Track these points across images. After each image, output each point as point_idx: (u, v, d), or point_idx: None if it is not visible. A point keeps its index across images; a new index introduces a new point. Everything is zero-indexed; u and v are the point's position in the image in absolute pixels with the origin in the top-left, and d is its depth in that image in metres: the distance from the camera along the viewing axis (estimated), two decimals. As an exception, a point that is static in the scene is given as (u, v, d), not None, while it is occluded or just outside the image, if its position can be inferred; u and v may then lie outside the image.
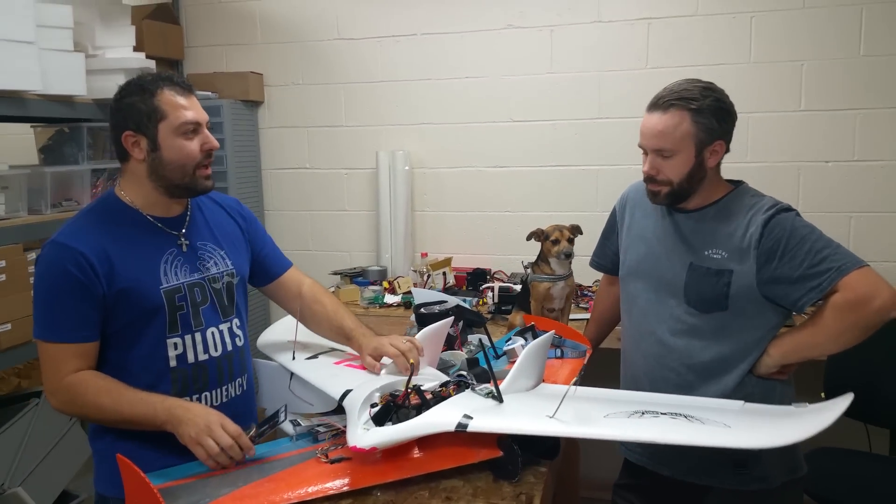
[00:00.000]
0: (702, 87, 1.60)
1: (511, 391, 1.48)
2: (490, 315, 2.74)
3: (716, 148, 1.61)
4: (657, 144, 1.61)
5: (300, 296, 1.79)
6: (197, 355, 1.54)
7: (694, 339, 1.64)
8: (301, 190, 3.53)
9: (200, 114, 1.54)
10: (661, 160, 1.62)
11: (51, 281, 1.44)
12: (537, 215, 3.08)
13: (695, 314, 1.63)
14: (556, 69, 3.13)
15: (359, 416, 1.39)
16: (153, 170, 1.51)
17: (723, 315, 1.60)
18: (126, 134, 1.50)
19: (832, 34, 2.82)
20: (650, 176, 1.66)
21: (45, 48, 2.33)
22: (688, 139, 1.58)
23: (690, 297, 1.63)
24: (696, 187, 1.64)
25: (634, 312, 1.79)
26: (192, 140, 1.52)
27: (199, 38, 3.54)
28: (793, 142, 2.92)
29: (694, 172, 1.61)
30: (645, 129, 1.63)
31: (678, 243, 1.68)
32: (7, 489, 2.53)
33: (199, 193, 1.60)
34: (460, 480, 1.36)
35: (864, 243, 2.88)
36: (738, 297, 1.58)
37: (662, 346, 1.69)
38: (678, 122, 1.57)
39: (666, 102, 1.59)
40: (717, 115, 1.58)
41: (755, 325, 1.61)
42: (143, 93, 1.49)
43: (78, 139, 2.68)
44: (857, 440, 2.53)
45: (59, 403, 1.47)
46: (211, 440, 1.37)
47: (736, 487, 1.62)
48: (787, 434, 1.30)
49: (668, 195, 1.65)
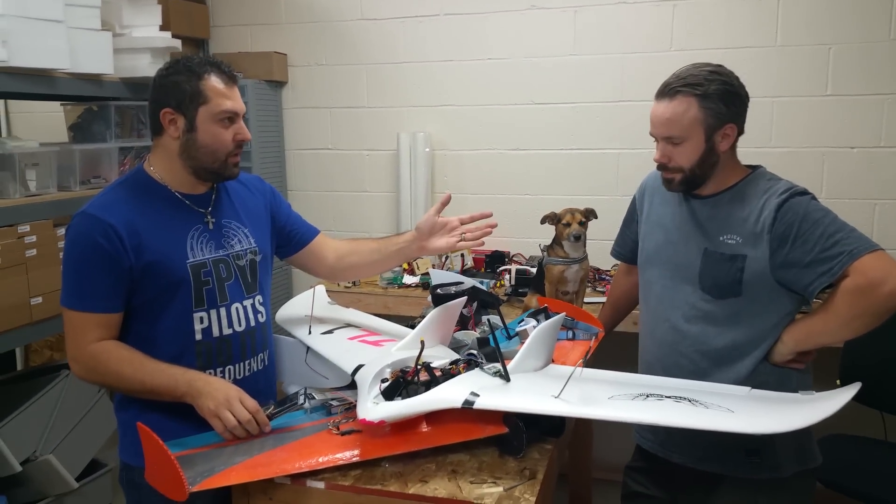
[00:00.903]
0: (708, 71, 1.59)
1: (519, 371, 1.50)
2: (507, 297, 2.76)
3: (727, 132, 1.60)
4: (666, 132, 1.61)
5: (339, 256, 1.89)
6: (222, 329, 1.58)
7: (708, 325, 1.64)
8: (323, 170, 3.57)
9: (239, 105, 1.58)
10: (672, 147, 1.62)
11: (80, 251, 1.49)
12: (557, 198, 3.09)
13: (709, 300, 1.63)
14: (578, 51, 3.12)
15: (369, 391, 1.43)
16: (185, 149, 1.55)
17: (737, 301, 1.60)
18: (165, 111, 1.54)
19: (860, 17, 2.76)
20: (662, 164, 1.66)
21: (74, 27, 2.38)
22: (696, 125, 1.58)
23: (705, 283, 1.63)
24: (709, 173, 1.63)
25: (651, 299, 1.79)
26: (227, 128, 1.56)
27: (225, 18, 3.57)
28: (818, 127, 2.87)
29: (705, 158, 1.61)
30: (654, 117, 1.63)
31: (694, 229, 1.67)
32: (39, 456, 2.63)
33: (225, 179, 1.64)
34: (466, 455, 1.40)
35: (888, 231, 2.84)
36: (752, 282, 1.58)
37: (677, 332, 1.69)
38: (685, 108, 1.57)
39: (672, 89, 1.59)
40: (725, 99, 1.57)
41: (769, 311, 1.60)
42: (189, 74, 1.52)
43: (106, 117, 2.74)
44: (872, 428, 2.52)
45: (80, 370, 1.52)
46: (229, 413, 1.42)
47: (748, 475, 1.63)
48: (789, 420, 1.31)
49: (681, 182, 1.65)
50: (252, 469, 1.31)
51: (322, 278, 2.04)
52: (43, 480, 2.67)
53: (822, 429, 2.42)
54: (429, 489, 1.29)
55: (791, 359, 1.60)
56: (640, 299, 1.87)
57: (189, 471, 1.27)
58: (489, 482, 1.30)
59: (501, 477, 1.32)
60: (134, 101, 2.79)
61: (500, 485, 1.29)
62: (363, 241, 1.95)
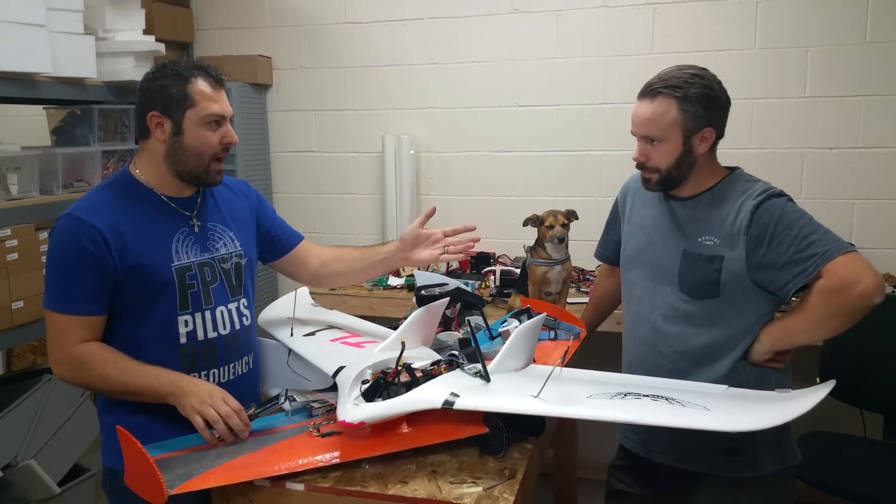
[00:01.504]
0: (690, 74, 1.61)
1: (499, 371, 1.51)
2: (491, 298, 2.77)
3: (705, 135, 1.61)
4: (645, 131, 1.63)
5: (323, 263, 1.89)
6: (206, 333, 1.58)
7: (687, 325, 1.66)
8: (309, 173, 3.57)
9: (226, 108, 1.58)
10: (650, 147, 1.64)
11: (63, 253, 1.48)
12: (541, 200, 3.11)
13: (688, 301, 1.65)
14: (561, 54, 3.14)
15: (350, 392, 1.43)
16: (171, 152, 1.55)
17: (715, 302, 1.62)
18: (152, 114, 1.54)
19: (838, 20, 2.81)
20: (640, 162, 1.69)
21: (56, 31, 2.37)
22: (674, 127, 1.60)
23: (684, 284, 1.65)
24: (685, 174, 1.65)
25: (632, 300, 1.81)
26: (214, 132, 1.56)
27: (209, 21, 3.57)
28: (797, 128, 2.91)
29: (682, 160, 1.63)
30: (634, 116, 1.65)
31: (673, 231, 1.69)
32: (20, 461, 2.62)
33: (208, 185, 1.64)
34: (447, 455, 1.41)
35: (867, 231, 2.88)
36: (730, 283, 1.60)
37: (657, 332, 1.71)
38: (665, 109, 1.59)
39: (654, 90, 1.61)
40: (704, 103, 1.59)
41: (746, 312, 1.62)
42: (177, 78, 1.53)
43: (89, 121, 2.73)
44: (851, 425, 2.55)
45: (63, 372, 1.52)
46: (212, 409, 1.42)
47: (728, 474, 1.64)
48: (765, 418, 1.32)
49: (658, 182, 1.68)
50: (231, 471, 1.31)
51: (305, 284, 2.05)
52: (24, 486, 2.65)
53: (802, 426, 2.47)
54: (409, 490, 1.29)
55: (769, 358, 1.62)
56: (622, 300, 1.89)
57: (168, 474, 1.27)
58: (469, 482, 1.31)
59: (481, 477, 1.33)
60: (117, 105, 2.78)
61: (480, 484, 1.30)
62: (347, 249, 1.96)
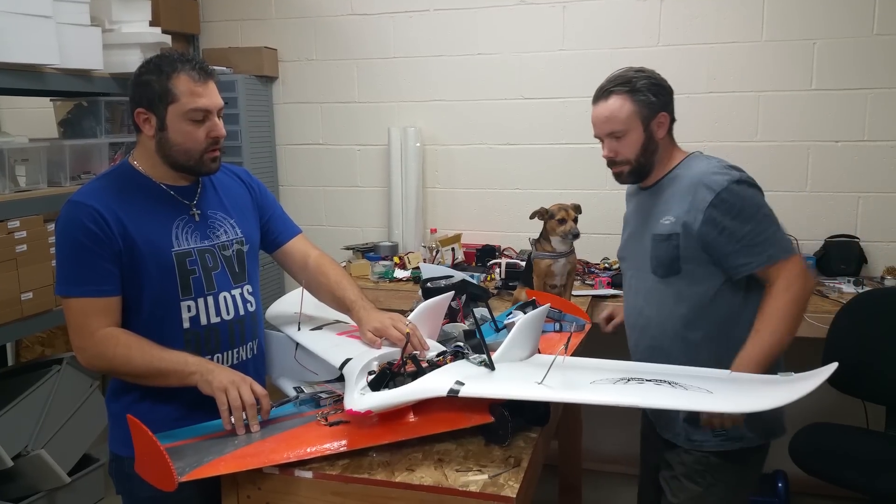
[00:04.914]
0: (634, 70, 1.76)
1: (504, 360, 1.53)
2: (497, 290, 2.78)
3: (661, 120, 1.75)
4: (608, 129, 1.75)
5: (306, 267, 1.82)
6: (209, 318, 1.59)
7: (662, 306, 1.75)
8: (315, 166, 3.58)
9: (213, 101, 1.56)
10: (616, 142, 1.76)
11: (70, 237, 1.49)
12: (547, 193, 3.12)
13: (658, 281, 1.75)
14: (567, 46, 3.14)
15: (356, 382, 1.45)
16: (160, 147, 1.56)
17: (679, 279, 1.72)
18: (138, 110, 1.55)
19: (845, 13, 2.80)
20: (610, 159, 1.79)
21: (62, 22, 2.38)
22: (633, 117, 1.73)
23: (654, 265, 1.75)
24: (651, 160, 1.77)
25: (627, 291, 1.91)
26: (198, 127, 1.54)
27: (215, 13, 3.57)
28: (803, 121, 2.91)
29: (646, 146, 1.75)
30: (595, 118, 1.78)
31: (645, 219, 1.80)
32: (31, 451, 2.64)
33: (204, 175, 1.64)
34: (453, 444, 1.42)
35: (872, 224, 2.88)
36: (688, 258, 1.69)
37: (642, 317, 1.81)
38: (621, 104, 1.73)
39: (606, 91, 1.75)
40: (652, 91, 1.73)
41: (705, 286, 1.70)
42: (159, 73, 1.52)
43: (96, 113, 2.75)
44: (854, 417, 2.56)
45: (88, 358, 1.52)
46: (236, 392, 1.43)
47: (714, 449, 1.71)
48: (767, 399, 1.34)
49: (630, 173, 1.79)
50: (241, 459, 1.33)
51: (297, 282, 1.97)
52: (35, 475, 2.68)
53: (805, 418, 2.49)
54: (415, 477, 1.31)
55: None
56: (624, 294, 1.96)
57: (178, 461, 1.29)
58: (475, 470, 1.33)
59: (487, 465, 1.35)
60: (124, 97, 2.79)
61: (486, 472, 1.31)
62: (335, 273, 1.81)
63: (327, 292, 1.80)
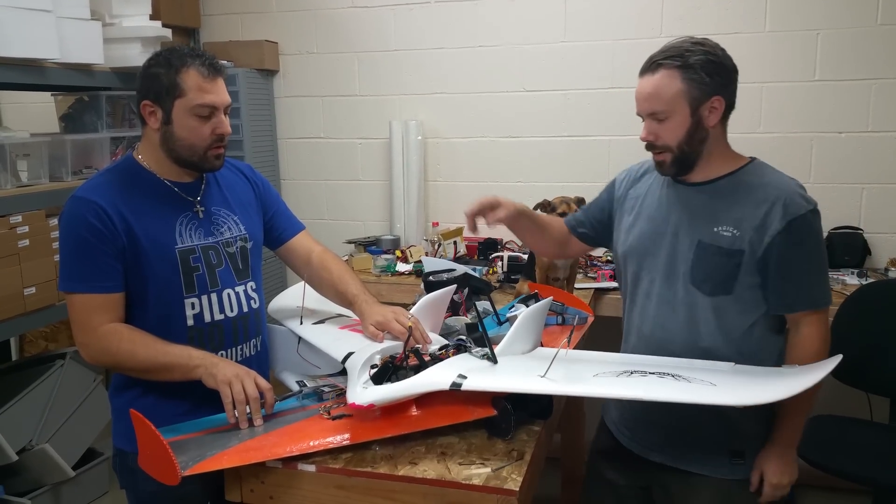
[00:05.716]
0: (691, 42, 1.52)
1: (506, 353, 1.53)
2: (499, 283, 2.78)
3: (714, 104, 1.50)
4: (650, 107, 1.52)
5: (309, 263, 1.82)
6: (213, 315, 1.59)
7: (694, 324, 1.55)
8: (316, 159, 3.57)
9: (221, 98, 1.55)
10: (657, 125, 1.53)
11: (74, 233, 1.49)
12: (549, 185, 3.11)
13: (698, 295, 1.54)
14: (569, 38, 3.12)
15: (359, 376, 1.45)
16: (164, 141, 1.56)
17: (725, 299, 1.53)
18: (145, 103, 1.54)
19: (848, 2, 2.78)
20: (649, 142, 1.57)
21: (63, 17, 2.38)
22: (680, 98, 1.49)
23: (696, 278, 1.54)
24: (699, 149, 1.53)
25: (638, 294, 1.67)
26: (204, 123, 1.54)
27: (215, 7, 3.56)
28: (806, 112, 2.89)
29: (693, 133, 1.51)
30: (638, 93, 1.55)
31: (686, 219, 1.57)
32: (35, 445, 2.66)
33: (207, 171, 1.64)
34: (456, 437, 1.42)
35: (876, 215, 2.87)
36: (744, 280, 1.51)
37: (664, 330, 1.59)
38: (668, 80, 1.49)
39: (655, 63, 1.51)
40: (708, 69, 1.48)
41: (749, 312, 1.54)
42: (168, 66, 1.51)
43: (97, 107, 2.75)
44: (858, 409, 2.56)
45: (92, 353, 1.52)
46: (240, 385, 1.43)
47: (728, 477, 1.58)
48: (771, 392, 1.33)
49: (673, 163, 1.55)
50: (244, 453, 1.33)
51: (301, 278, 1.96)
52: (39, 469, 2.70)
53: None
54: (418, 471, 1.31)
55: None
56: (623, 291, 1.76)
57: (181, 455, 1.29)
58: (478, 463, 1.33)
59: (490, 458, 1.35)
60: (125, 91, 2.79)
61: (489, 466, 1.31)
62: (337, 269, 1.81)
63: (330, 288, 1.80)
